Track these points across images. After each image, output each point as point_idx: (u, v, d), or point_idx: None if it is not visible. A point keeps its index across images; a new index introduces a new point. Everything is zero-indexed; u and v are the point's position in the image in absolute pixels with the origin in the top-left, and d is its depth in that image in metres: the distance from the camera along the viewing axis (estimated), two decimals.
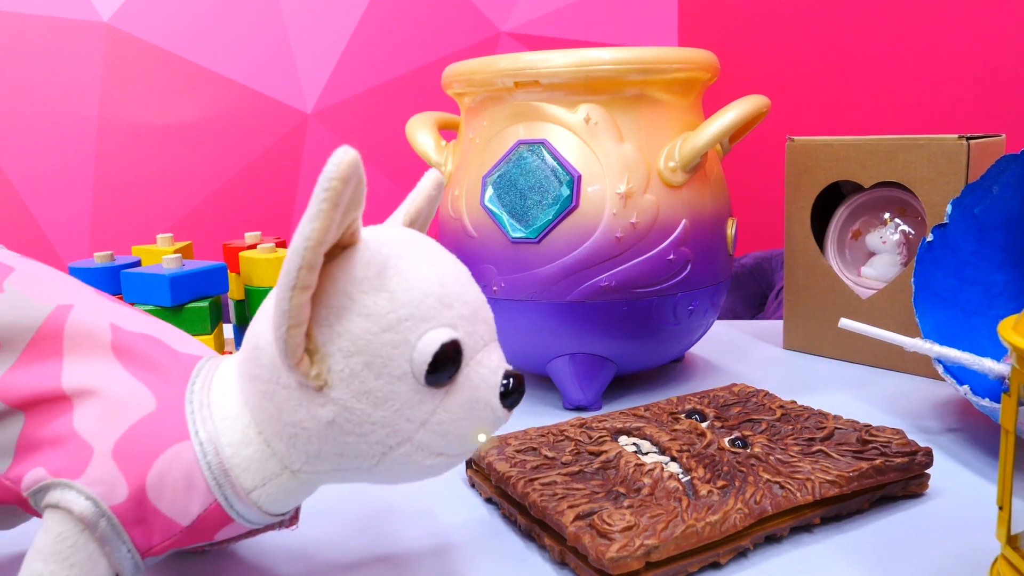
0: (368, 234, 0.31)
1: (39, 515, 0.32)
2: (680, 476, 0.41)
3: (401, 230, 0.33)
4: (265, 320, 0.31)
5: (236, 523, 0.33)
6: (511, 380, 0.32)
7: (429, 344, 0.30)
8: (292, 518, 0.36)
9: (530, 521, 0.41)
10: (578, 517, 0.38)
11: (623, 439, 0.47)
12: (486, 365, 0.31)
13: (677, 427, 0.48)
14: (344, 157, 0.27)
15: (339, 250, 0.30)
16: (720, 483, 0.40)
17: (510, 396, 0.32)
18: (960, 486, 0.46)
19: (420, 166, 0.67)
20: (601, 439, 0.46)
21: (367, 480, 0.33)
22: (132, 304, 0.60)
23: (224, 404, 0.32)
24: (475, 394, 0.31)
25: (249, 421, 0.32)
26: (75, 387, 0.32)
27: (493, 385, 0.31)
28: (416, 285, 0.30)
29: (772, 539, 0.40)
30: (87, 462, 0.31)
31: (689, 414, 0.50)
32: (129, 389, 0.32)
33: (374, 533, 0.43)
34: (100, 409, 0.31)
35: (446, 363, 0.30)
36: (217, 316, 0.62)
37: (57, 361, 0.32)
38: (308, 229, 0.27)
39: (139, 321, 0.35)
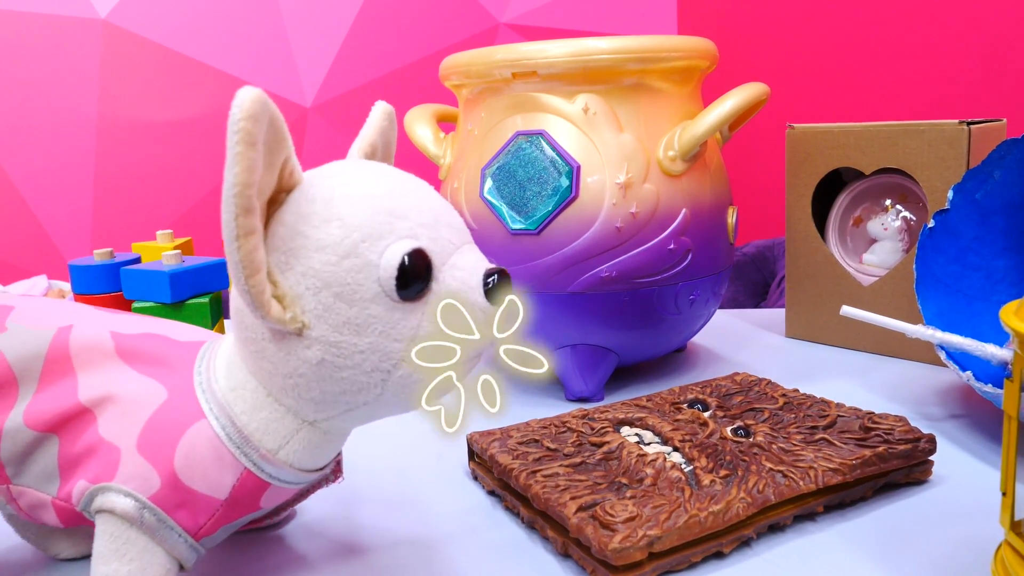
0: (311, 173, 0.32)
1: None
2: (683, 466, 0.41)
3: (344, 161, 0.33)
4: None
5: (276, 487, 0.34)
6: (495, 276, 0.31)
7: (391, 259, 0.29)
8: (335, 471, 0.37)
9: (533, 513, 0.41)
10: (581, 508, 0.38)
11: (625, 430, 0.47)
12: (461, 267, 0.31)
13: (679, 417, 0.48)
14: (246, 96, 0.26)
15: (283, 195, 0.30)
16: (723, 472, 0.40)
17: (497, 292, 0.31)
18: (963, 472, 0.46)
19: (420, 159, 0.67)
20: (603, 430, 0.46)
21: (385, 413, 0.33)
22: (132, 300, 0.60)
23: (230, 377, 0.33)
24: (455, 298, 0.30)
25: (256, 386, 0.32)
26: (92, 398, 0.33)
27: (474, 285, 0.30)
28: (365, 205, 0.30)
29: (775, 528, 0.40)
30: (117, 462, 0.32)
31: (691, 404, 0.50)
32: (140, 387, 0.33)
33: (376, 526, 0.43)
34: (118, 411, 0.33)
35: (414, 273, 0.29)
36: (218, 312, 0.62)
37: (72, 379, 0.34)
38: (230, 175, 0.27)
39: (138, 323, 0.36)
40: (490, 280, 0.31)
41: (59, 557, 0.41)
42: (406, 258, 0.29)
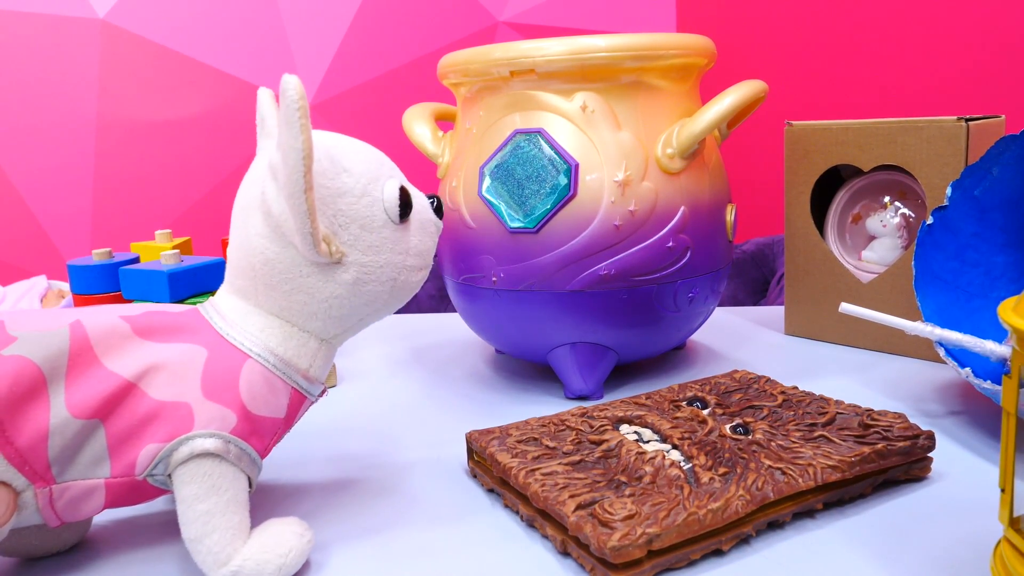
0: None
1: (158, 492, 0.38)
2: (682, 464, 0.41)
3: (325, 132, 0.41)
4: (261, 240, 0.39)
5: (306, 401, 0.41)
6: (434, 197, 0.44)
7: (391, 192, 0.40)
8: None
9: (532, 511, 0.41)
10: (580, 507, 0.38)
11: (624, 428, 0.47)
12: (416, 195, 0.42)
13: (678, 415, 0.48)
14: (293, 81, 0.35)
15: None
16: (722, 470, 0.40)
17: (439, 209, 0.44)
18: (962, 469, 0.46)
19: (419, 157, 0.67)
20: (602, 428, 0.46)
21: (377, 317, 0.42)
22: (131, 300, 0.60)
23: (253, 322, 0.40)
24: (422, 216, 0.42)
25: (281, 323, 0.40)
26: (133, 373, 0.37)
27: (426, 206, 0.43)
28: (361, 157, 0.40)
29: (775, 525, 0.40)
30: (191, 414, 0.37)
31: (690, 402, 0.50)
32: (178, 352, 0.38)
33: (376, 525, 0.43)
34: (168, 376, 0.37)
35: (407, 200, 0.41)
36: None
37: (100, 365, 0.36)
38: (298, 143, 0.35)
39: (135, 308, 0.40)
40: (434, 200, 0.44)
41: (58, 551, 0.42)
42: (400, 190, 0.40)
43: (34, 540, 0.41)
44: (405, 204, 0.40)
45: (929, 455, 0.45)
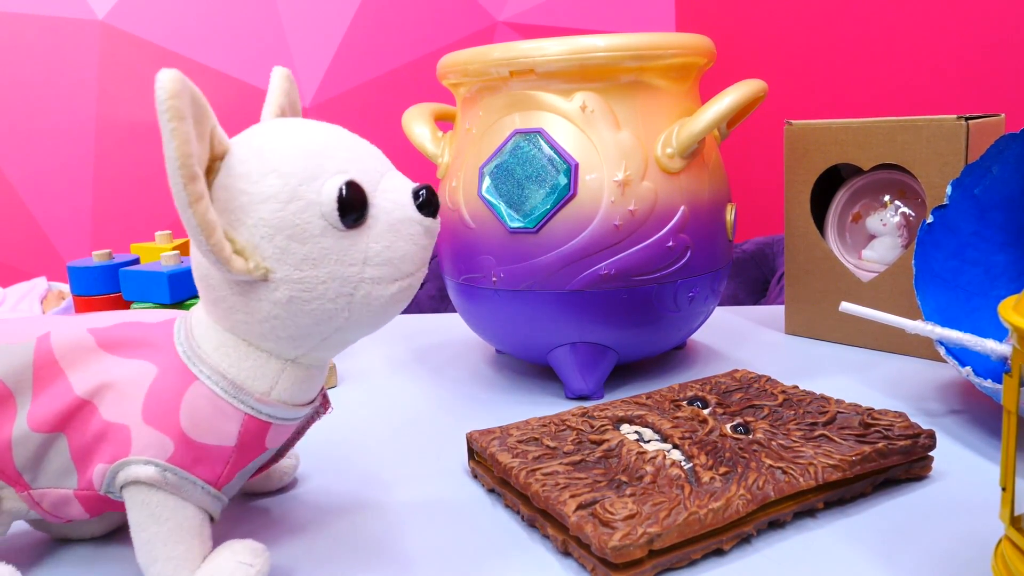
0: (236, 139, 0.35)
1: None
2: (682, 463, 0.41)
3: (261, 124, 0.37)
4: (195, 252, 0.35)
5: (277, 426, 0.37)
6: (423, 191, 0.36)
7: (330, 193, 0.33)
8: (323, 404, 0.41)
9: (533, 511, 0.41)
10: (580, 507, 0.38)
11: (625, 427, 0.47)
12: (391, 189, 0.35)
13: (679, 414, 0.48)
14: (165, 77, 0.30)
15: (217, 163, 0.34)
16: (722, 470, 0.40)
17: (429, 205, 0.36)
18: (963, 468, 0.46)
19: (419, 158, 0.67)
20: (603, 428, 0.46)
21: (355, 337, 0.37)
22: (131, 302, 0.60)
23: (210, 339, 0.36)
24: (393, 216, 0.35)
25: (237, 341, 0.36)
26: (88, 390, 0.36)
27: (405, 203, 0.35)
28: (294, 153, 0.34)
29: (775, 525, 0.40)
30: (129, 438, 0.35)
31: (691, 401, 0.50)
32: (131, 369, 0.36)
33: (376, 525, 0.43)
34: (116, 395, 0.35)
35: (352, 202, 0.34)
36: None
37: (63, 379, 0.36)
38: (170, 150, 0.30)
39: (111, 317, 0.39)
40: (420, 194, 0.36)
41: (93, 536, 0.43)
42: (343, 189, 0.33)
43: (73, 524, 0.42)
44: (348, 206, 0.33)
45: (930, 454, 0.45)
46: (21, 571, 0.38)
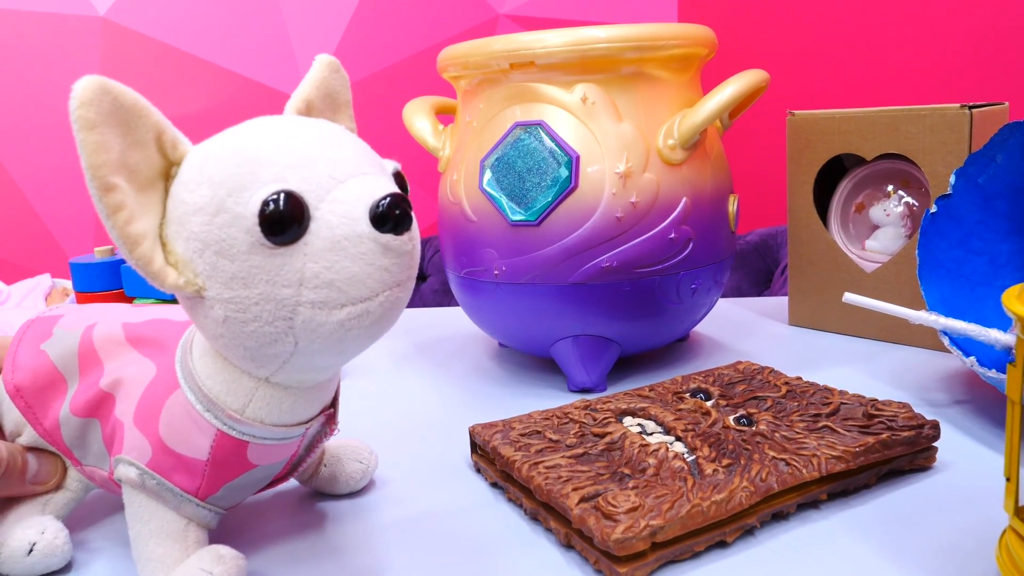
0: (201, 144, 0.32)
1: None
2: (685, 456, 0.41)
3: (245, 123, 0.33)
4: None
5: (259, 445, 0.35)
6: (384, 202, 0.29)
7: (254, 207, 0.29)
8: (327, 423, 0.38)
9: (535, 504, 0.41)
10: (583, 499, 0.37)
11: (628, 420, 0.47)
12: (343, 200, 0.30)
13: (682, 407, 0.48)
14: (78, 85, 0.28)
15: (175, 168, 0.32)
16: (725, 462, 0.40)
17: (387, 220, 0.29)
18: (967, 458, 0.46)
19: (421, 151, 0.67)
20: (606, 420, 0.46)
21: (325, 361, 0.33)
22: (133, 297, 0.60)
23: (199, 347, 0.35)
24: (337, 232, 0.29)
25: (216, 353, 0.34)
26: (109, 383, 0.37)
27: (357, 217, 0.29)
28: (228, 161, 0.30)
29: (779, 516, 0.40)
30: (123, 437, 0.36)
31: (694, 393, 0.50)
32: (139, 367, 0.37)
33: (379, 518, 0.43)
34: (125, 392, 0.36)
35: (279, 216, 0.29)
36: None
37: (100, 369, 0.38)
38: (82, 162, 0.29)
39: (148, 312, 0.40)
40: (380, 205, 0.29)
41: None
42: (270, 203, 0.29)
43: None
44: (275, 221, 0.29)
45: (934, 444, 0.45)
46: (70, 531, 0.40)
